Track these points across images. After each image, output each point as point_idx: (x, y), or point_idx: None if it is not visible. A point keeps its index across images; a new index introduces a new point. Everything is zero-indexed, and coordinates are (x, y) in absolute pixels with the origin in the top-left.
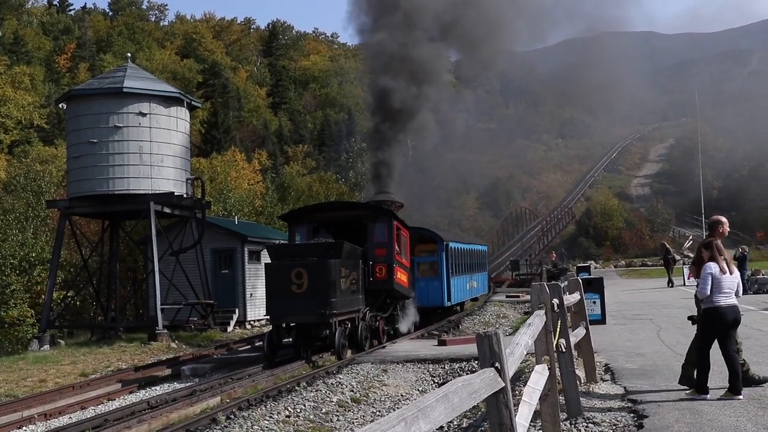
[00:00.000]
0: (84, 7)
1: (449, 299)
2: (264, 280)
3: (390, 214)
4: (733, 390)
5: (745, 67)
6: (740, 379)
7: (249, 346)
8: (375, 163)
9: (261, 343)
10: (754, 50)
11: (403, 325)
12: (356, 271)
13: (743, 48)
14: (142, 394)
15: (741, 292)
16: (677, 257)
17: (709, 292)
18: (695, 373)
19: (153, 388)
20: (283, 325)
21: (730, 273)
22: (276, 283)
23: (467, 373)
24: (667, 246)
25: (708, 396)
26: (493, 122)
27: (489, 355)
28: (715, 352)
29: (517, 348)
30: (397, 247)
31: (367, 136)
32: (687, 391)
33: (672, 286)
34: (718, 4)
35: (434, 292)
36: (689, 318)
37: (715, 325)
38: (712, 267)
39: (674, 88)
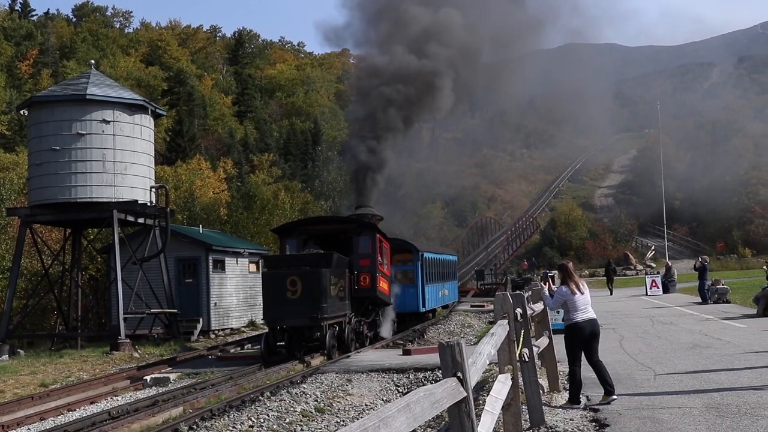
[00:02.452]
0: (47, 13)
1: (424, 305)
2: (228, 290)
3: (374, 228)
4: (608, 393)
5: (706, 80)
6: (609, 382)
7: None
8: (355, 176)
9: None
10: (714, 64)
11: (384, 329)
12: (343, 280)
13: (704, 61)
14: (104, 405)
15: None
16: (639, 266)
17: (554, 307)
18: (570, 385)
19: (114, 398)
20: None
21: (581, 293)
22: (272, 289)
23: (432, 383)
24: (609, 260)
25: (580, 405)
26: (459, 132)
27: (451, 364)
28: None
29: (479, 358)
30: (379, 257)
31: (348, 148)
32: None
33: (611, 295)
34: (674, 18)
35: (410, 298)
36: None
37: (576, 338)
38: (564, 290)
39: (637, 100)
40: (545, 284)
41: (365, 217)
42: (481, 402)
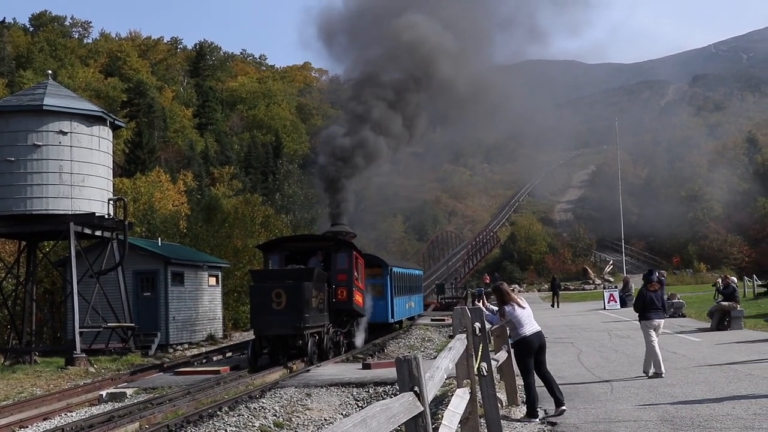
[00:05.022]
0: (2, 22)
1: (393, 317)
2: (187, 303)
3: (351, 246)
4: (558, 404)
5: (662, 98)
6: (558, 394)
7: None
8: (330, 195)
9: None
10: (670, 82)
11: (358, 339)
12: (323, 293)
13: (660, 79)
14: (57, 421)
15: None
16: (597, 281)
17: (496, 323)
18: (527, 399)
19: (69, 414)
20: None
21: (523, 308)
22: (259, 301)
23: (391, 397)
24: (554, 275)
25: (537, 419)
26: (420, 146)
27: (408, 379)
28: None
29: (437, 372)
30: (355, 273)
31: (322, 170)
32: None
33: (554, 307)
34: (631, 37)
35: (380, 310)
36: None
37: (525, 351)
38: (509, 309)
39: (595, 116)
40: (479, 301)
41: (340, 234)
42: (440, 416)
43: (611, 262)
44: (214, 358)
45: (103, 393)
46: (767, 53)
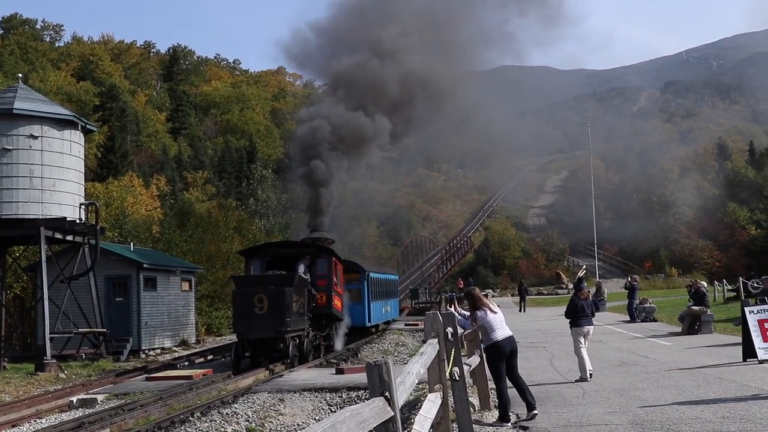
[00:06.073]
0: None
1: (370, 320)
2: (160, 308)
3: (330, 252)
4: (530, 409)
5: (635, 104)
6: (530, 398)
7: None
8: (310, 202)
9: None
10: (642, 88)
11: (338, 342)
12: (303, 297)
13: (633, 85)
14: (26, 428)
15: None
16: (571, 285)
17: (467, 328)
18: (499, 403)
19: (38, 420)
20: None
21: (495, 313)
22: (242, 305)
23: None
24: (522, 280)
25: (509, 423)
26: (395, 151)
27: (378, 384)
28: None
29: (408, 377)
30: (334, 278)
31: (304, 174)
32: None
33: (521, 312)
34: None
35: (358, 314)
36: None
37: (497, 356)
38: (481, 314)
39: (569, 122)
40: (450, 306)
41: (319, 240)
42: (412, 421)
43: (584, 267)
44: (197, 361)
45: (74, 399)
46: (736, 61)
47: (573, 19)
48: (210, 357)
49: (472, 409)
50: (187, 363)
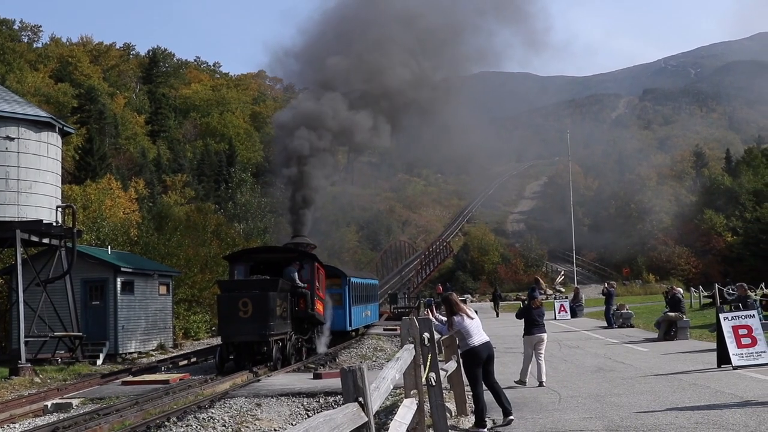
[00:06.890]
0: None
1: (351, 324)
2: (137, 312)
3: (313, 258)
4: (506, 414)
5: (614, 110)
6: (506, 404)
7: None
8: (292, 207)
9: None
10: (621, 95)
11: (320, 345)
12: (286, 302)
13: (611, 92)
14: None
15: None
16: (549, 291)
17: (444, 333)
18: (475, 409)
19: (12, 425)
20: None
21: (472, 318)
22: (227, 310)
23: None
24: (496, 286)
25: (485, 429)
26: (375, 156)
27: (353, 389)
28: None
29: (383, 382)
30: (317, 283)
31: (288, 179)
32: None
33: (498, 317)
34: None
35: (339, 318)
36: None
37: (474, 362)
38: (458, 319)
39: (548, 128)
40: (428, 312)
41: (302, 245)
42: (388, 426)
43: (562, 273)
44: (180, 363)
45: (49, 404)
46: (713, 69)
47: (560, 46)
48: (194, 359)
49: (448, 415)
50: (171, 365)
